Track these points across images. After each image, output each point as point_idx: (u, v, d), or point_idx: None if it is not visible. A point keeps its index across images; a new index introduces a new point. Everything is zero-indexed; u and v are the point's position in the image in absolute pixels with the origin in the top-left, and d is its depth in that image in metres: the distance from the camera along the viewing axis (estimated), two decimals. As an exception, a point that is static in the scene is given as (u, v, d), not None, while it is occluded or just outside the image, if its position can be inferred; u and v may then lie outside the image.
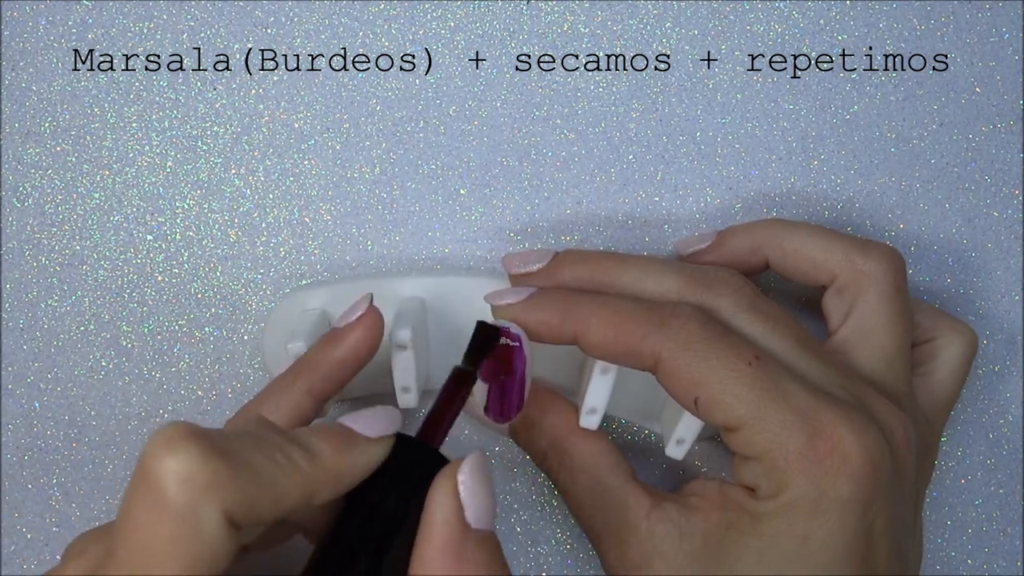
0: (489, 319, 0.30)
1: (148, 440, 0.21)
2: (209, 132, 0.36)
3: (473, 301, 0.33)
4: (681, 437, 0.32)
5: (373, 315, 0.31)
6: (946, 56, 0.36)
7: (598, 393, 0.31)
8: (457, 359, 0.29)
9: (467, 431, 0.38)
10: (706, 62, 0.36)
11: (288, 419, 0.30)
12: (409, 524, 0.24)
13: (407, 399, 0.32)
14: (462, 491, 0.24)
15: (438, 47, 0.36)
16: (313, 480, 0.23)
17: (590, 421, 0.32)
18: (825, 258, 0.32)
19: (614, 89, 0.36)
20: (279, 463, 0.22)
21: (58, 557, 0.37)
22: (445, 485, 0.24)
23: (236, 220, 0.36)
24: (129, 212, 0.36)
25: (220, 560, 0.21)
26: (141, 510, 0.21)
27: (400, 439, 0.25)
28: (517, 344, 0.30)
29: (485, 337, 0.29)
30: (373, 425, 0.25)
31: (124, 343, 0.37)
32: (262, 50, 0.35)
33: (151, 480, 0.21)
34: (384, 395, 0.36)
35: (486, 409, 0.31)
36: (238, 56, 0.35)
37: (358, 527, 0.24)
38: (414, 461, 0.25)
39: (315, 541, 0.26)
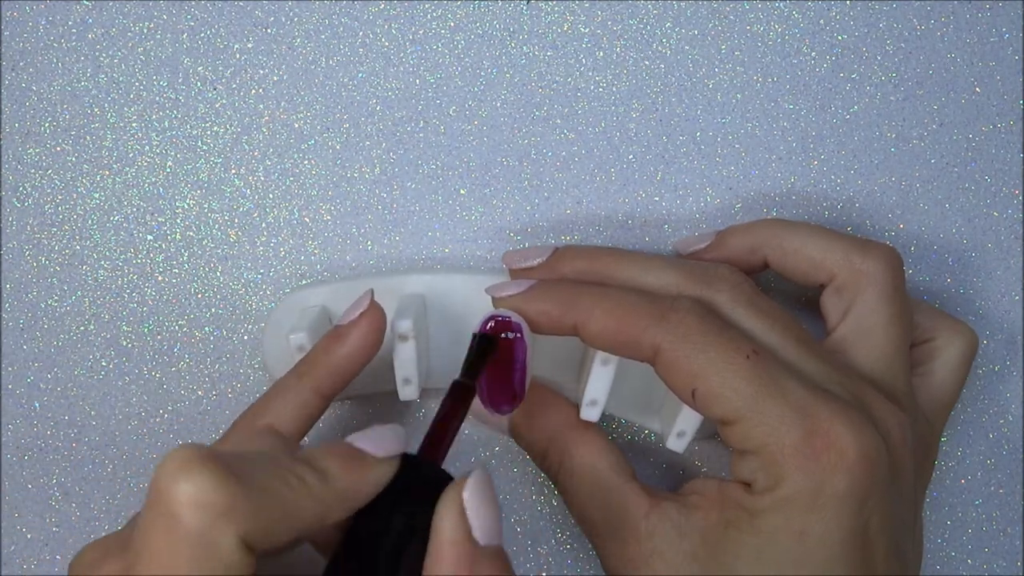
0: (487, 319, 0.30)
1: (161, 463, 0.21)
2: (209, 132, 0.36)
3: (473, 299, 0.33)
4: (682, 430, 0.32)
5: (376, 310, 0.31)
6: (946, 56, 0.36)
7: (599, 385, 0.31)
8: (457, 357, 0.29)
9: (467, 431, 0.38)
10: (706, 62, 0.36)
11: (296, 418, 0.30)
12: (416, 543, 0.24)
13: (408, 391, 0.32)
14: (468, 509, 0.24)
15: (438, 47, 0.36)
16: (326, 502, 0.23)
17: (591, 413, 0.32)
18: (824, 257, 0.32)
19: (614, 89, 0.36)
20: (292, 486, 0.22)
21: (58, 557, 0.38)
22: (451, 504, 0.24)
23: (236, 220, 0.36)
24: (129, 212, 0.36)
25: None
26: (158, 535, 0.21)
27: (403, 457, 0.25)
28: (518, 335, 0.30)
29: (482, 349, 0.29)
30: (381, 444, 0.25)
31: (124, 343, 0.37)
32: (262, 50, 0.35)
33: (167, 505, 0.21)
34: (384, 394, 0.36)
35: (486, 401, 0.30)
36: (238, 56, 0.35)
37: (367, 548, 0.24)
38: (418, 480, 0.25)
39: (321, 548, 0.26)
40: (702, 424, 0.32)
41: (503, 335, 0.30)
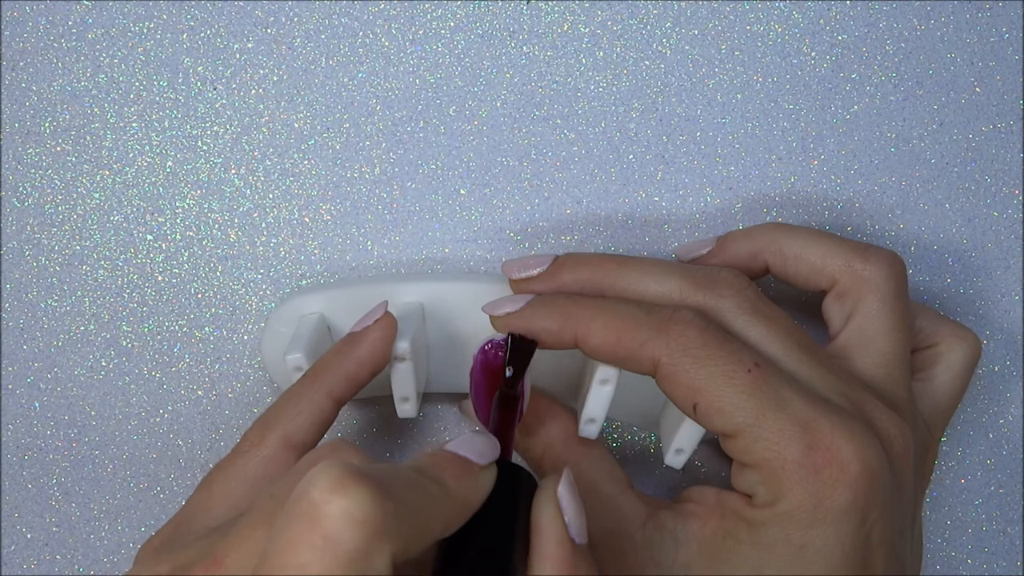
0: (487, 343, 0.31)
1: (311, 478, 0.21)
2: (209, 132, 0.36)
3: (473, 305, 0.33)
4: (680, 447, 0.32)
5: (389, 318, 0.31)
6: (946, 56, 0.36)
7: (597, 403, 0.31)
8: (457, 362, 0.30)
9: (466, 431, 0.38)
10: (706, 62, 0.36)
11: (310, 424, 0.30)
12: (518, 542, 0.25)
13: (406, 408, 0.32)
14: (564, 509, 0.25)
15: (438, 47, 0.36)
16: (449, 512, 0.23)
17: (589, 431, 0.32)
18: (825, 263, 0.32)
19: (614, 89, 0.36)
20: (425, 500, 0.23)
21: (58, 557, 0.38)
22: (550, 505, 0.25)
23: (236, 220, 0.36)
24: (129, 212, 0.36)
25: None
26: (306, 551, 0.20)
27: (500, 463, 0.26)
28: None
29: (520, 351, 0.29)
30: (482, 452, 0.25)
31: (124, 343, 0.37)
32: (262, 50, 0.35)
33: (320, 521, 0.20)
34: (386, 399, 0.36)
35: (485, 420, 0.31)
36: (238, 56, 0.35)
37: (471, 551, 0.24)
38: (510, 482, 0.26)
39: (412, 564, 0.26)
40: (700, 440, 0.32)
41: (502, 354, 0.30)
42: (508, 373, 0.29)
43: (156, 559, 0.26)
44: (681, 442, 0.32)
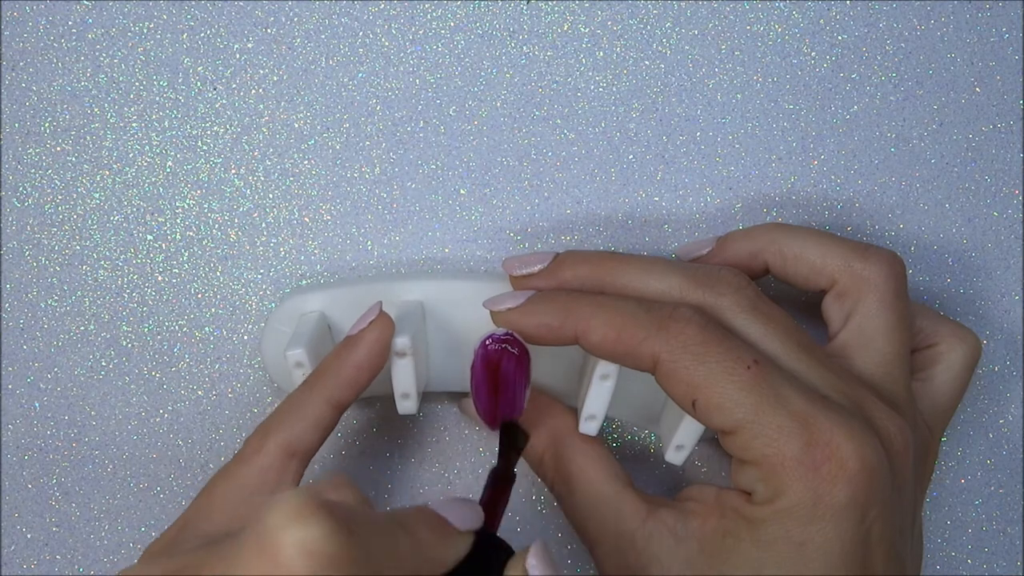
0: (486, 338, 0.31)
1: (272, 505, 0.21)
2: (209, 132, 0.36)
3: (473, 304, 0.33)
4: (680, 443, 0.32)
5: (385, 318, 0.31)
6: (946, 56, 0.36)
7: (597, 400, 0.31)
8: (457, 362, 0.30)
9: (466, 431, 0.38)
10: (706, 62, 0.36)
11: (310, 431, 0.30)
12: None
13: (406, 405, 0.32)
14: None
15: (438, 47, 0.36)
16: (415, 566, 0.24)
17: (589, 427, 0.32)
18: (824, 263, 0.32)
19: (614, 89, 0.36)
20: (392, 549, 0.23)
21: (58, 557, 0.38)
22: (518, 569, 0.25)
23: (236, 220, 0.36)
24: (129, 212, 0.36)
25: None
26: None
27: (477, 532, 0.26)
28: (516, 351, 0.30)
29: (512, 438, 0.30)
30: (463, 518, 0.26)
31: (124, 343, 0.37)
32: (262, 50, 0.35)
33: (274, 549, 0.20)
34: (386, 399, 0.36)
35: (484, 417, 0.31)
36: (238, 56, 0.35)
37: None
38: (487, 550, 0.26)
39: None
40: (701, 437, 0.32)
41: (502, 347, 0.30)
42: (501, 465, 0.30)
43: (154, 562, 0.26)
44: (682, 438, 0.32)
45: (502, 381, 0.30)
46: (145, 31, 0.35)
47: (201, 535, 0.27)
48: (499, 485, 0.29)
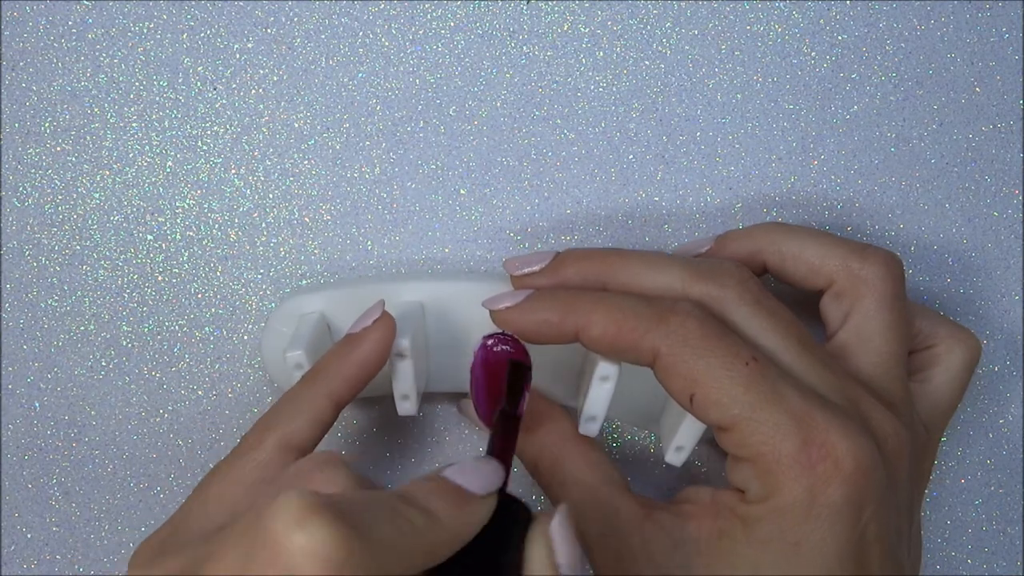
0: (486, 338, 0.31)
1: (274, 508, 0.21)
2: (209, 132, 0.36)
3: (473, 304, 0.33)
4: (680, 444, 0.32)
5: (388, 318, 0.31)
6: (946, 56, 0.36)
7: (597, 401, 0.31)
8: (457, 362, 0.29)
9: (467, 431, 0.38)
10: (706, 62, 0.36)
11: (309, 427, 0.29)
12: (509, 574, 0.24)
13: (406, 406, 0.32)
14: (556, 548, 0.24)
15: (438, 47, 0.36)
16: (435, 544, 0.23)
17: (589, 428, 0.32)
18: (822, 263, 0.32)
19: (614, 89, 0.36)
20: (404, 532, 0.22)
21: (58, 557, 0.38)
22: (541, 542, 0.24)
23: (236, 220, 0.36)
24: (129, 212, 0.36)
25: None
26: None
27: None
28: (515, 350, 0.30)
29: (519, 376, 0.29)
30: (484, 480, 0.25)
31: (124, 343, 0.37)
32: (262, 50, 0.35)
33: (280, 555, 0.20)
34: (386, 399, 0.36)
35: (484, 418, 0.31)
36: (238, 56, 0.35)
37: None
38: (505, 512, 0.25)
39: None
40: (700, 438, 0.32)
41: (502, 348, 0.30)
42: (505, 404, 0.29)
43: (151, 563, 0.26)
44: (682, 439, 0.32)
45: (499, 377, 0.30)
46: (145, 31, 0.35)
47: (197, 532, 0.27)
48: (510, 427, 0.28)
